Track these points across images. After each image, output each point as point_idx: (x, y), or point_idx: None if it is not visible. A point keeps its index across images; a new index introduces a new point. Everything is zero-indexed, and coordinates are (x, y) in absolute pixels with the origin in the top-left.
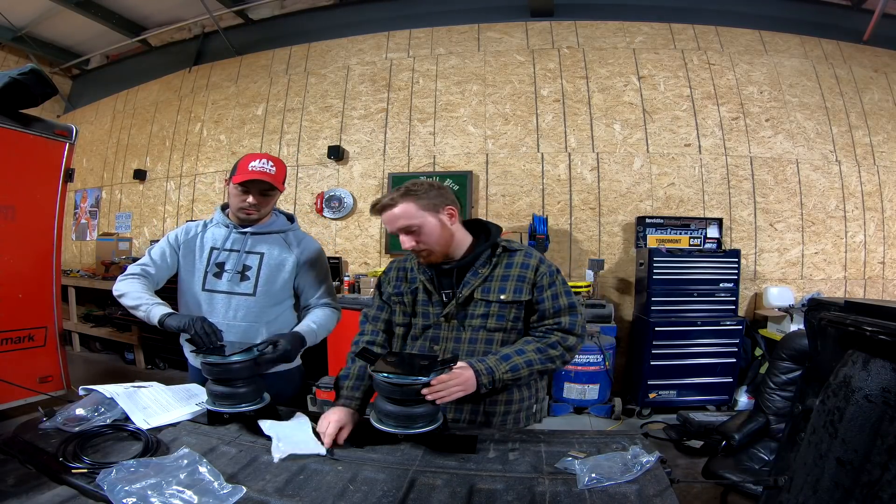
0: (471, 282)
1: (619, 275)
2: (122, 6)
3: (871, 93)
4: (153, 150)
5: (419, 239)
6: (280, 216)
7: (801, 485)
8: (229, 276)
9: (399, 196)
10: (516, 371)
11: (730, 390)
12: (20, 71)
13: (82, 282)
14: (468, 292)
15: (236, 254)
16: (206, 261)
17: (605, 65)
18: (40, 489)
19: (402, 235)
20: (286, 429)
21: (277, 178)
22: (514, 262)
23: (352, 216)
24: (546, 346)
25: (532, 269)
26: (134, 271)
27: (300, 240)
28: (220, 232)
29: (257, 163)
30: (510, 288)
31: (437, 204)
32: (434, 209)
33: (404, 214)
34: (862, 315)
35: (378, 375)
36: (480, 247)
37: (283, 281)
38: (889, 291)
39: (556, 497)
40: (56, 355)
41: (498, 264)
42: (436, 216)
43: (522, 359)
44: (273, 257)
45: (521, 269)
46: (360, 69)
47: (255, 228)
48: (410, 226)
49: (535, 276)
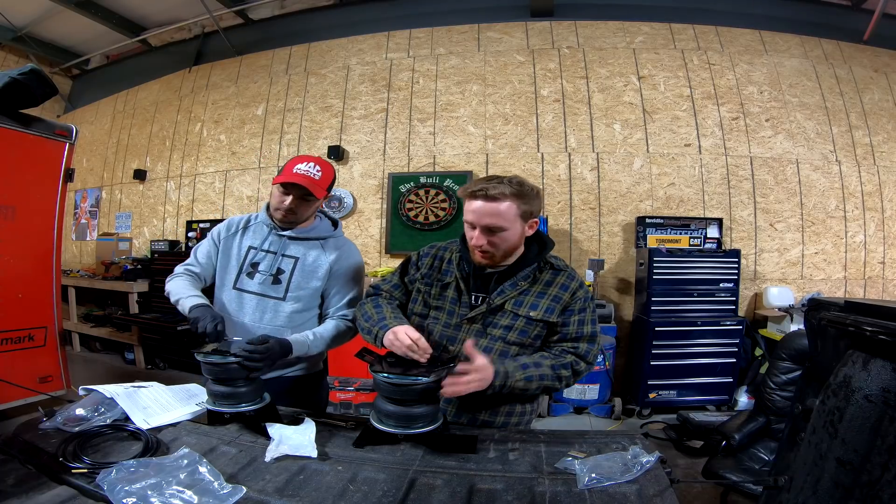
0: (507, 292)
1: (619, 275)
2: (122, 6)
3: (871, 93)
4: (153, 150)
5: (495, 242)
6: (324, 221)
7: (801, 485)
8: (262, 277)
9: (507, 192)
10: (529, 381)
11: (730, 390)
12: (20, 71)
13: (82, 282)
14: (501, 301)
15: (272, 255)
16: (243, 259)
17: (605, 65)
18: (40, 489)
19: (479, 230)
20: (289, 431)
21: (320, 184)
22: (554, 282)
23: (352, 216)
24: (559, 366)
25: (570, 291)
26: (179, 271)
27: (339, 248)
28: (261, 231)
29: (303, 165)
30: (542, 306)
31: (532, 213)
32: (526, 218)
33: (500, 214)
34: (862, 315)
35: (378, 375)
36: (530, 259)
37: (315, 288)
38: (889, 291)
39: (556, 497)
40: (56, 355)
41: (538, 280)
42: (523, 225)
43: (537, 371)
44: (307, 263)
45: (560, 289)
46: (360, 69)
47: (295, 232)
48: (501, 227)
49: (571, 299)
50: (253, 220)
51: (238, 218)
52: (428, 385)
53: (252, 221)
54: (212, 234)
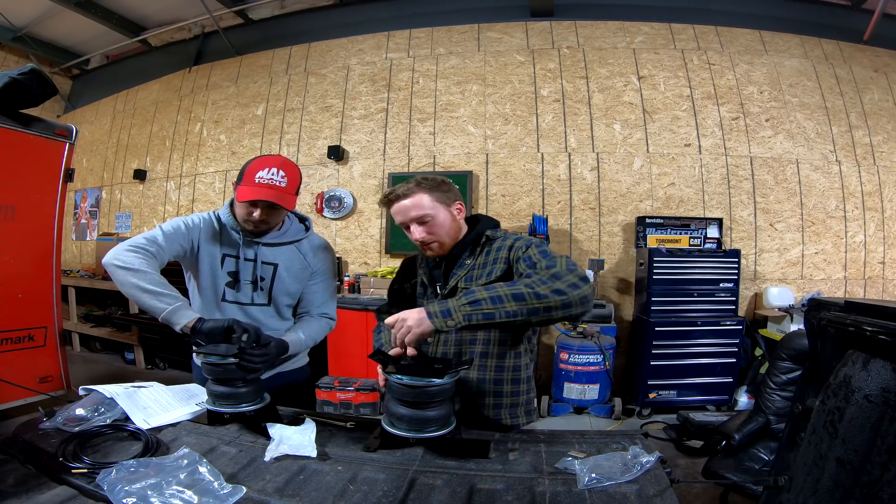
0: (456, 273)
1: (619, 275)
2: (122, 6)
3: (871, 93)
4: (153, 150)
5: (431, 230)
6: (293, 222)
7: (801, 485)
8: (243, 285)
9: (413, 187)
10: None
11: (730, 390)
12: (20, 71)
13: (82, 282)
14: (453, 283)
15: (249, 263)
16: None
17: (605, 65)
18: (40, 489)
19: (414, 226)
20: (289, 431)
21: (287, 192)
22: (492, 249)
23: (352, 216)
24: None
25: (507, 247)
26: (139, 243)
27: (314, 249)
28: (231, 237)
29: (266, 173)
30: (494, 271)
31: (449, 198)
32: (445, 202)
33: (418, 205)
34: (862, 315)
35: (391, 377)
36: (468, 241)
37: (296, 291)
38: (889, 291)
39: (556, 497)
40: (56, 355)
41: (481, 253)
42: (447, 209)
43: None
44: (287, 269)
45: (497, 252)
46: (360, 69)
47: (268, 238)
48: (424, 216)
49: (511, 252)
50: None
51: (208, 219)
52: (442, 387)
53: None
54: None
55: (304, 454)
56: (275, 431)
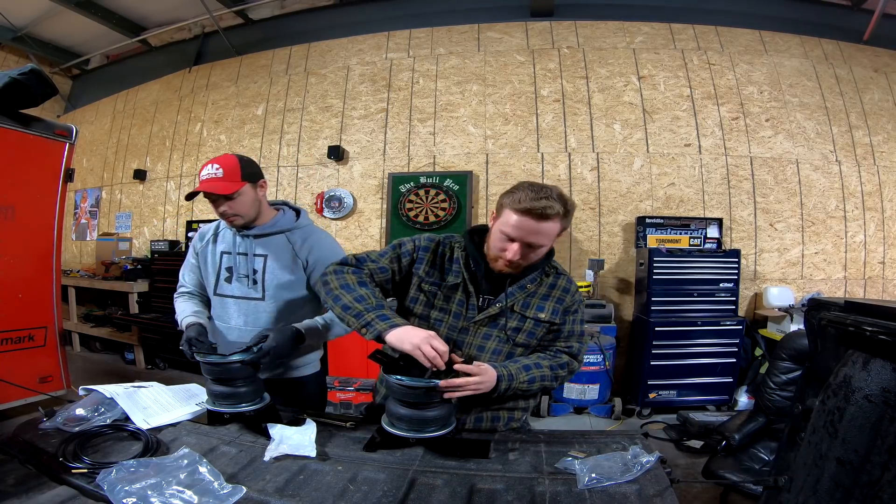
0: (516, 294)
1: (619, 275)
2: (122, 6)
3: (871, 93)
4: (153, 150)
5: (530, 256)
6: (287, 212)
7: (801, 485)
8: (239, 280)
9: (560, 212)
10: (531, 383)
11: (730, 390)
12: (20, 71)
13: (82, 282)
14: (510, 303)
15: (243, 257)
16: (218, 265)
17: (605, 65)
18: (40, 489)
19: (514, 244)
20: (290, 431)
21: (224, 181)
22: (557, 285)
23: (352, 216)
24: (557, 366)
25: (571, 294)
26: (180, 293)
27: (305, 238)
28: (229, 234)
29: (205, 171)
30: (549, 308)
31: (565, 229)
32: (560, 234)
33: (549, 233)
34: (862, 315)
35: (391, 377)
36: (538, 264)
37: (293, 283)
38: (889, 291)
39: (556, 497)
40: (56, 355)
41: (543, 283)
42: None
43: (539, 373)
44: (277, 259)
45: (562, 292)
46: (360, 69)
47: (257, 230)
48: (542, 245)
49: (572, 301)
50: (221, 225)
51: (207, 227)
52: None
53: (221, 227)
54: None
55: (303, 454)
56: (275, 432)
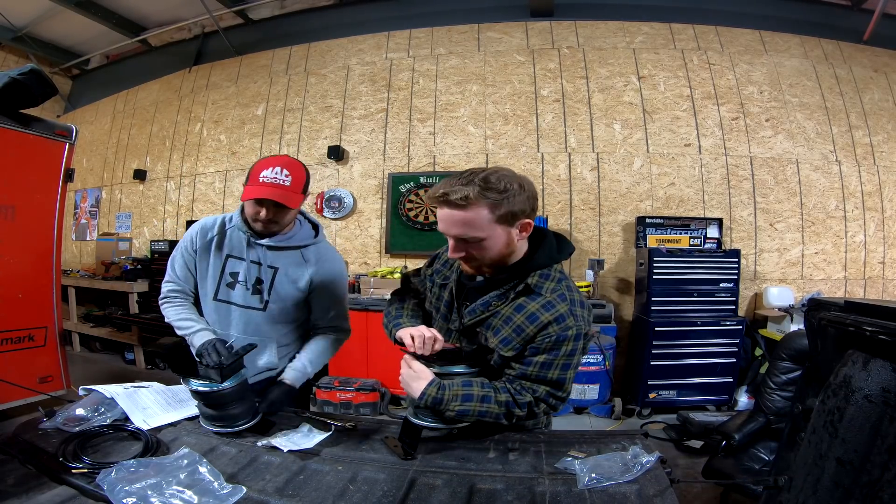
0: (477, 311)
1: (619, 275)
2: (122, 6)
3: (871, 93)
4: (153, 150)
5: (474, 254)
6: (304, 226)
7: (801, 485)
8: (242, 287)
9: (475, 196)
10: (463, 414)
11: (730, 390)
12: (20, 71)
13: (82, 282)
14: (470, 322)
15: (251, 265)
16: (221, 268)
17: (605, 65)
18: (40, 489)
19: (451, 241)
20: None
21: (293, 191)
22: (525, 308)
23: (352, 216)
24: (515, 403)
25: (539, 325)
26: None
27: (319, 257)
28: (238, 238)
29: (269, 172)
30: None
31: (516, 214)
32: (510, 221)
33: (474, 223)
34: (862, 315)
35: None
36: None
37: (296, 299)
38: (889, 291)
39: (556, 497)
40: (56, 355)
41: (511, 301)
42: (507, 230)
43: (479, 407)
44: (287, 274)
45: (527, 319)
46: (360, 69)
47: (273, 241)
48: (475, 237)
49: (538, 334)
50: (228, 223)
51: (211, 221)
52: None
53: (227, 226)
54: (185, 243)
55: (303, 448)
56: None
